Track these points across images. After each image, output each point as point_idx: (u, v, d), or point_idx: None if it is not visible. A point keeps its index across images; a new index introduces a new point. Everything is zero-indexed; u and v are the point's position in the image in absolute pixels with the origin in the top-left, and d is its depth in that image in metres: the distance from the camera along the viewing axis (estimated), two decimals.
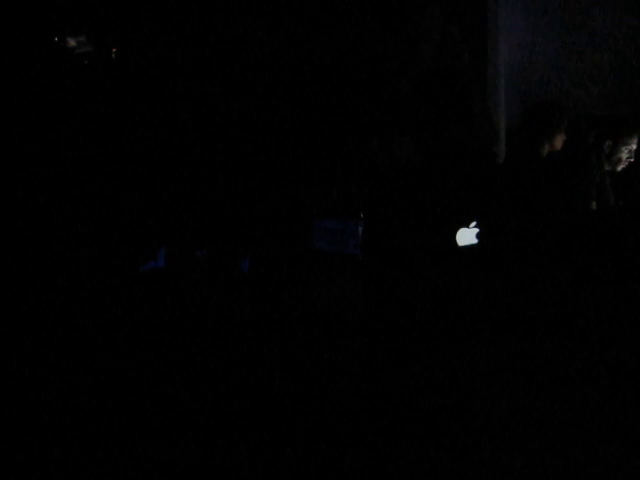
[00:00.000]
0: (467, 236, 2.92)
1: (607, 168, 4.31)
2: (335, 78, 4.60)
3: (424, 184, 3.13)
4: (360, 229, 3.19)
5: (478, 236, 2.90)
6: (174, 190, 4.19)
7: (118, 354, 3.16)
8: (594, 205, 4.10)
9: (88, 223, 4.02)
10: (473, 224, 2.93)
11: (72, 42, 4.24)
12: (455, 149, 3.52)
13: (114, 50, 4.33)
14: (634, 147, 4.37)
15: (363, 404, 2.55)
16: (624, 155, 4.32)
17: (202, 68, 4.55)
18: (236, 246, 3.77)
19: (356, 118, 4.53)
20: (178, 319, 3.43)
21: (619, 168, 4.37)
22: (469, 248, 2.89)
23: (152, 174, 4.22)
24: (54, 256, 3.86)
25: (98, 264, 3.84)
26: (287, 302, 3.33)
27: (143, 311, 3.48)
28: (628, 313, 2.57)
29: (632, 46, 5.54)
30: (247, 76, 4.59)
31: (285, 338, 3.11)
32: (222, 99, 4.49)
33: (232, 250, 3.75)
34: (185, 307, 3.49)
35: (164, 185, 4.19)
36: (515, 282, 2.84)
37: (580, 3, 5.64)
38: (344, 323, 3.04)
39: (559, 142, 4.33)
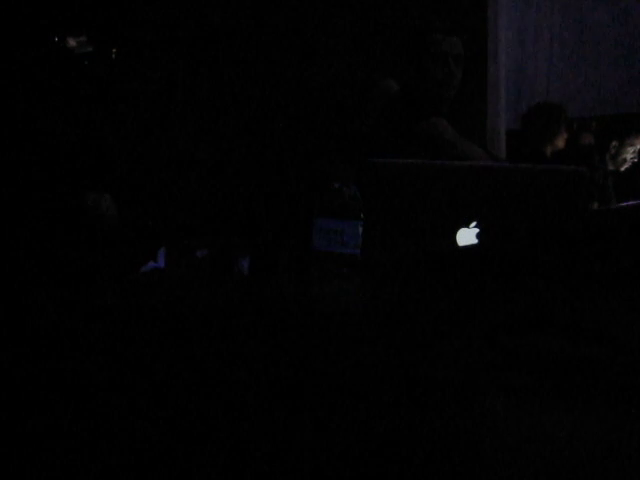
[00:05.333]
0: (467, 236, 2.91)
1: (611, 168, 4.31)
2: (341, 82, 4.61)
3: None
4: (360, 229, 3.18)
5: (478, 236, 2.89)
6: (174, 190, 4.19)
7: (117, 354, 3.16)
8: (595, 205, 4.10)
9: (89, 223, 4.02)
10: (473, 224, 2.92)
11: (72, 42, 4.25)
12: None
13: (114, 50, 4.34)
14: (639, 147, 4.36)
15: (362, 403, 2.54)
16: (629, 155, 4.32)
17: (203, 66, 4.55)
18: (236, 246, 3.77)
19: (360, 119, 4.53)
20: (178, 319, 3.42)
21: (623, 168, 4.37)
22: (469, 248, 2.88)
23: (152, 173, 4.23)
24: (53, 255, 3.86)
25: (98, 264, 3.83)
26: (287, 302, 3.33)
27: (143, 311, 3.48)
28: (629, 314, 2.56)
29: (633, 46, 5.54)
30: (250, 75, 4.58)
31: (284, 337, 3.10)
32: (223, 98, 4.49)
33: (232, 250, 3.74)
34: (185, 307, 3.48)
35: (164, 184, 4.20)
36: (515, 282, 2.83)
37: (581, 3, 5.65)
38: (344, 323, 3.04)
39: (561, 142, 4.34)
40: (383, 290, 2.88)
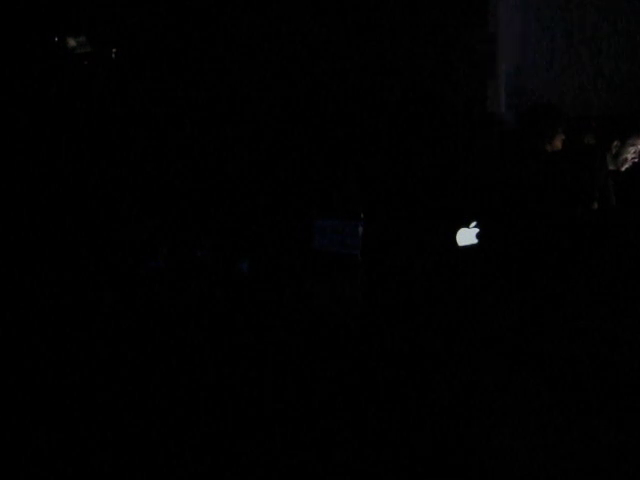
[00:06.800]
0: (467, 236, 2.91)
1: (611, 168, 4.30)
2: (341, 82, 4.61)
3: (428, 185, 3.12)
4: (360, 229, 3.18)
5: (478, 236, 2.89)
6: (174, 190, 4.19)
7: (118, 353, 3.16)
8: (595, 205, 4.09)
9: (89, 223, 4.02)
10: (473, 224, 2.92)
11: (72, 42, 4.24)
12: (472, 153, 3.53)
13: (114, 50, 4.33)
14: None
15: (361, 403, 2.54)
16: (630, 155, 4.31)
17: (204, 66, 4.56)
18: (236, 246, 3.77)
19: (359, 121, 4.53)
20: (178, 319, 3.42)
21: (624, 168, 4.35)
22: (469, 248, 2.88)
23: (152, 173, 4.23)
24: (55, 255, 3.86)
25: (99, 264, 3.83)
26: (287, 302, 3.33)
27: (143, 311, 3.48)
28: (628, 312, 2.56)
29: (632, 44, 5.54)
30: (251, 77, 4.59)
31: (284, 337, 3.10)
32: (224, 98, 4.49)
33: (232, 250, 3.74)
34: (185, 307, 3.49)
35: (165, 185, 4.19)
36: (516, 282, 2.83)
37: (581, 4, 5.64)
38: (343, 323, 3.03)
39: (559, 143, 4.33)
40: (383, 290, 2.88)
